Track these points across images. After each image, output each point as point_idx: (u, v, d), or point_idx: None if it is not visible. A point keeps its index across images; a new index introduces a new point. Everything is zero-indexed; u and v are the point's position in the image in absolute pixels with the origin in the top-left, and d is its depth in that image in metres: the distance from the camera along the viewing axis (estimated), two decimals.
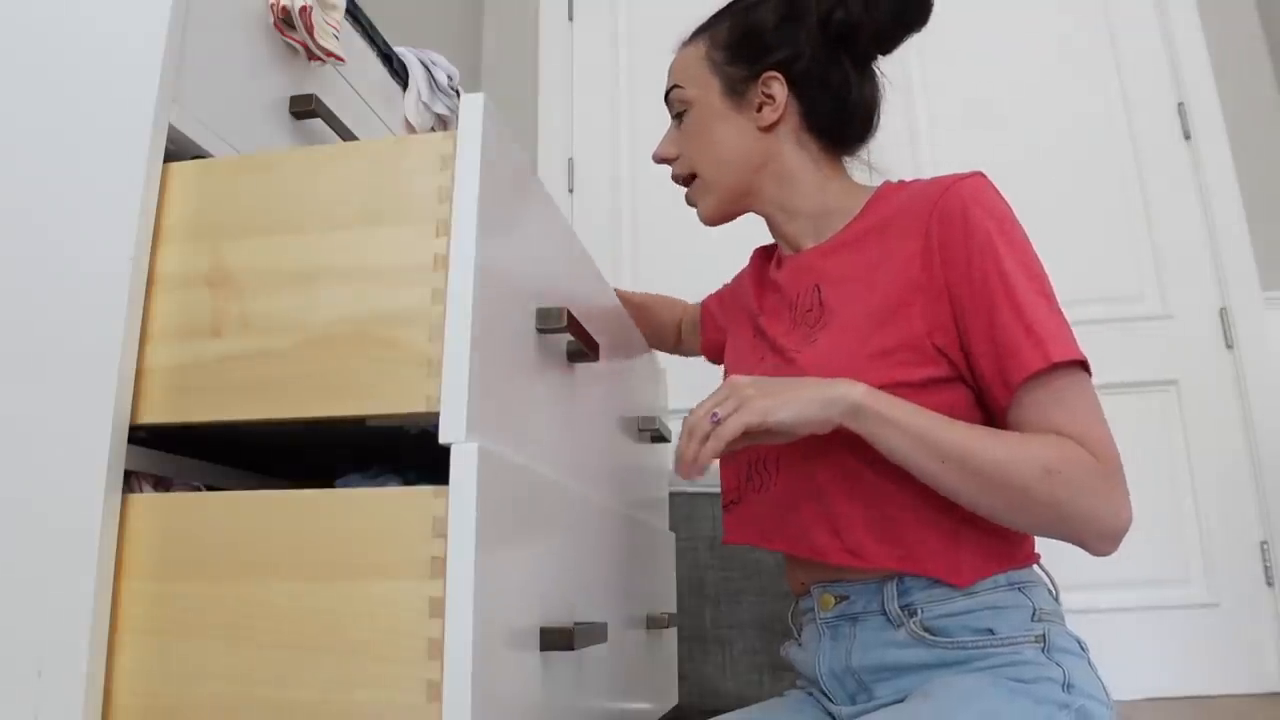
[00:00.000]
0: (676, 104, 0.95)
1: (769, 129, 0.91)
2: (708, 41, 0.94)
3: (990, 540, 0.78)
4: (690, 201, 0.97)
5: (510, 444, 0.66)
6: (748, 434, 0.74)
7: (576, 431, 0.85)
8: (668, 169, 0.99)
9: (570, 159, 2.50)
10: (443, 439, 0.58)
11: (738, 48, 0.92)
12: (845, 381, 0.74)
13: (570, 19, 2.60)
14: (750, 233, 1.07)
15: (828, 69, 0.90)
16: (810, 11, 0.89)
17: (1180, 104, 2.26)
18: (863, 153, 0.96)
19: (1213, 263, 2.17)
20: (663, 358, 1.33)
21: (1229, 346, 2.12)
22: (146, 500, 0.64)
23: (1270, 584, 1.99)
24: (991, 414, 0.80)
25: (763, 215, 0.96)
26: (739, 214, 0.97)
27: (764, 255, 1.05)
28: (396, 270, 0.63)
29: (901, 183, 0.88)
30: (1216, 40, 2.27)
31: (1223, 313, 2.14)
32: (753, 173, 0.92)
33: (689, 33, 0.97)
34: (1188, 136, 2.24)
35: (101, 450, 0.62)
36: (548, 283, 0.77)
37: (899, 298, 0.80)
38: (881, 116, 0.94)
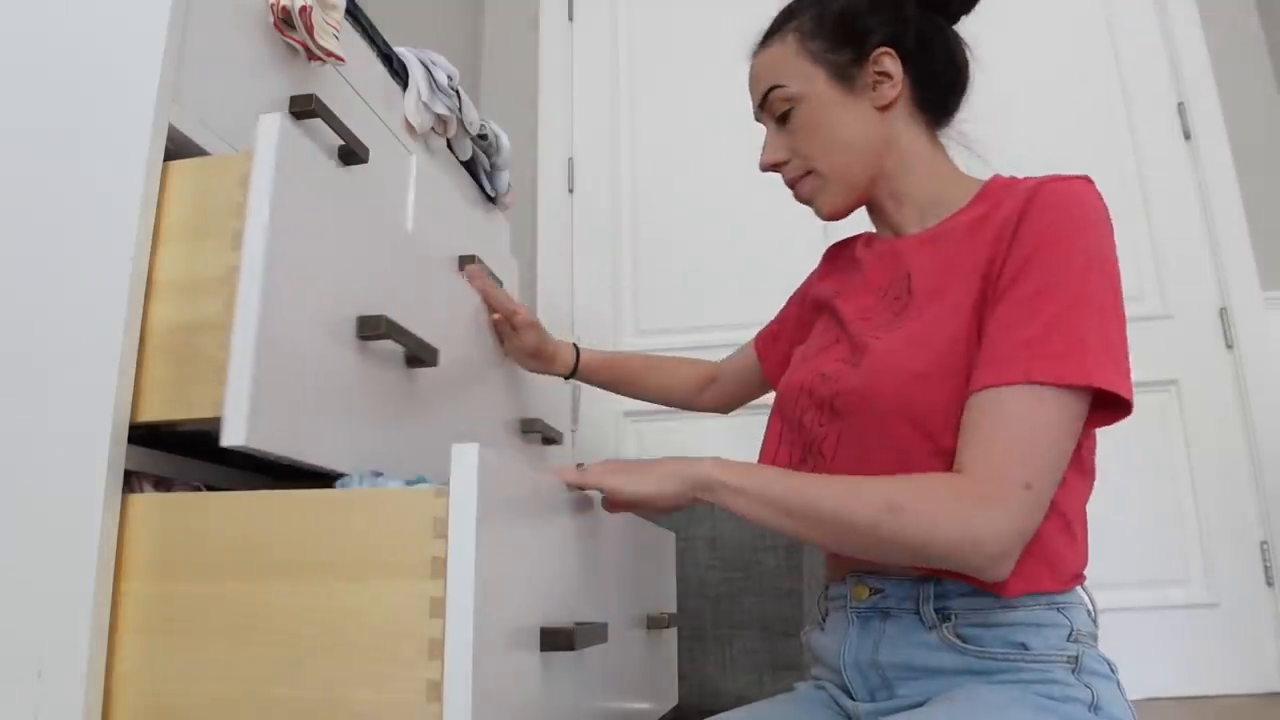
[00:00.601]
0: (779, 103, 0.90)
1: (887, 108, 0.89)
2: (796, 35, 0.90)
3: (1030, 557, 0.75)
4: (805, 198, 0.93)
5: (313, 448, 0.68)
6: (631, 505, 0.81)
7: (425, 436, 0.87)
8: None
9: (570, 159, 2.50)
10: (224, 442, 0.60)
11: (837, 33, 0.88)
12: (699, 461, 0.78)
13: (570, 19, 2.60)
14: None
15: (932, 35, 0.89)
16: None
17: (1180, 104, 2.26)
18: (959, 137, 0.95)
19: (1213, 263, 2.17)
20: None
21: (1229, 346, 2.12)
22: (146, 500, 0.64)
23: (1270, 584, 1.99)
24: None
25: (871, 202, 0.93)
26: (859, 205, 0.94)
27: (840, 247, 1.04)
28: (197, 283, 0.67)
29: (1012, 179, 0.86)
30: (1216, 40, 2.27)
31: (1223, 313, 2.14)
32: (876, 157, 0.89)
33: (761, 36, 0.94)
34: (1188, 136, 2.24)
35: (101, 450, 0.62)
36: (373, 291, 0.80)
37: (974, 310, 0.78)
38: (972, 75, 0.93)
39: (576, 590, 0.77)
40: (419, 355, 0.84)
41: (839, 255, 1.04)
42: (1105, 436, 0.79)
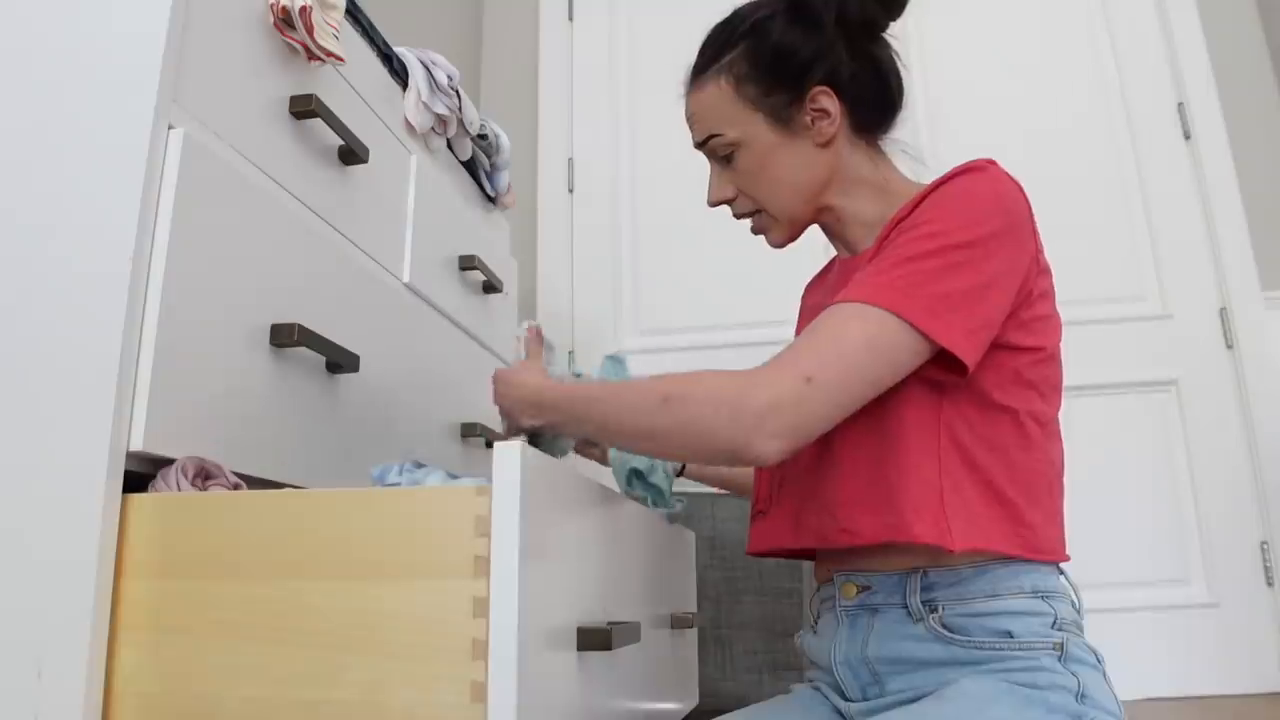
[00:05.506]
0: (720, 149, 0.91)
1: (828, 143, 0.89)
2: (729, 77, 0.89)
3: (985, 509, 0.77)
4: (758, 231, 0.96)
5: (221, 455, 0.71)
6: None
7: (349, 441, 0.90)
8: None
9: (570, 159, 2.50)
10: (130, 447, 0.64)
11: (772, 74, 0.88)
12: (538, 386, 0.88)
13: (570, 19, 2.60)
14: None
15: (863, 59, 0.89)
16: (820, 14, 0.87)
17: (1180, 104, 2.26)
18: (907, 146, 0.96)
19: (1213, 263, 2.17)
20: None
21: (1229, 346, 2.12)
22: (147, 500, 0.64)
23: (1270, 584, 1.99)
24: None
25: (821, 226, 0.95)
26: (806, 229, 0.96)
27: (816, 279, 1.05)
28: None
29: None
30: (1216, 40, 2.27)
31: (1223, 313, 2.14)
32: (821, 190, 0.91)
33: (693, 70, 0.93)
34: (1188, 136, 2.24)
35: (102, 449, 0.62)
36: (288, 299, 0.83)
37: None
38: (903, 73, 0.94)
39: (608, 589, 0.76)
40: (338, 362, 0.87)
41: (814, 289, 1.05)
42: (1105, 436, 0.79)
